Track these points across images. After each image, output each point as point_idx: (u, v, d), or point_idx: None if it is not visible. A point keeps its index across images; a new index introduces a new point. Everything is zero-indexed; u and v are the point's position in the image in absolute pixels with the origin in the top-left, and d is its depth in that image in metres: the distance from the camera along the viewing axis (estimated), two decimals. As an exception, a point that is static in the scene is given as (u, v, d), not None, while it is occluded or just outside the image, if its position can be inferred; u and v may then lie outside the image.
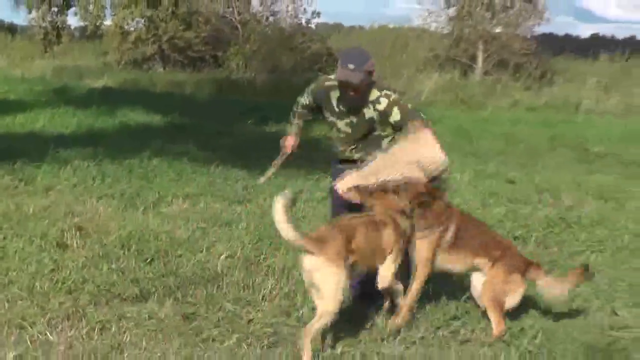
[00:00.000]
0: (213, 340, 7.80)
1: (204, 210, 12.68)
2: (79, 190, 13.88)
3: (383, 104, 8.47)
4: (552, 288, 8.32)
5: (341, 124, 8.78)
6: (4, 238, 10.59)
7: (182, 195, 13.75)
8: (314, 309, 7.41)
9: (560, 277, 8.54)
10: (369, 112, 8.55)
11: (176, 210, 12.74)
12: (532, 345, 8.05)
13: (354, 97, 8.48)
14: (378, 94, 8.51)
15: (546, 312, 9.05)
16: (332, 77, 8.82)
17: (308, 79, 36.34)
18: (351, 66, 8.33)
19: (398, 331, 7.89)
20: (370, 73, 8.44)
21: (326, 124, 9.10)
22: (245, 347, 7.65)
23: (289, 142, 9.59)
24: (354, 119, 8.66)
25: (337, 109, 8.78)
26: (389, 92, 8.56)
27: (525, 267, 8.39)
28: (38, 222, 11.53)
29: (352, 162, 8.76)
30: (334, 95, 8.77)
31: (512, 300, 8.24)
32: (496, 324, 8.07)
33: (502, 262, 8.30)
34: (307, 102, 9.30)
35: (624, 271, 10.83)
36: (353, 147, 8.82)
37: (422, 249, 8.23)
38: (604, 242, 12.14)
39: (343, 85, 8.49)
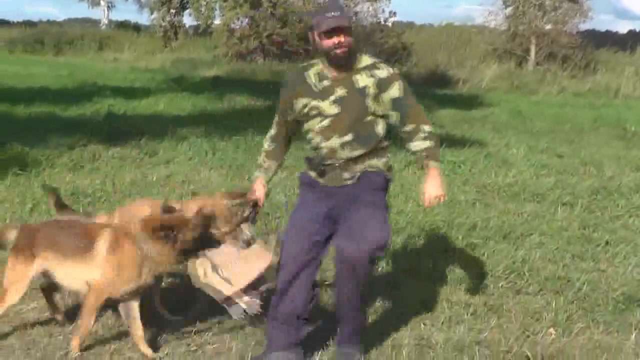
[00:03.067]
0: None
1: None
2: (193, 162, 14.00)
3: (383, 71, 6.17)
4: None
5: (326, 105, 6.16)
6: (133, 200, 10.73)
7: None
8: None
9: None
10: (362, 80, 6.13)
11: (276, 179, 12.75)
12: (579, 294, 8.01)
13: (344, 53, 6.09)
14: (374, 60, 6.29)
15: (590, 268, 8.99)
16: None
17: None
18: (336, 13, 6.11)
19: None
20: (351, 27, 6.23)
21: (308, 128, 6.41)
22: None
23: (259, 194, 6.62)
24: (343, 91, 6.12)
25: (318, 88, 6.20)
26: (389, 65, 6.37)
27: None
28: (160, 188, 11.69)
29: (336, 175, 6.25)
30: (312, 73, 6.31)
31: None
32: None
33: None
34: (273, 132, 6.88)
35: (658, 232, 10.71)
36: (344, 139, 6.15)
37: None
38: (641, 207, 12.02)
39: (334, 34, 6.08)
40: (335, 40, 6.06)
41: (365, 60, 6.25)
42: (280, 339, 6.17)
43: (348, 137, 6.11)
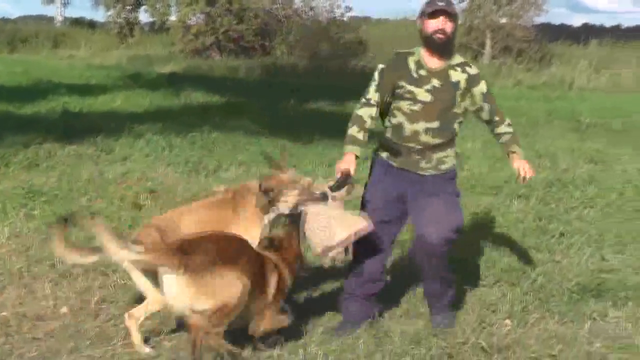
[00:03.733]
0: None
1: (256, 175, 12.70)
2: (150, 159, 13.94)
3: (473, 69, 6.83)
4: None
5: (420, 92, 6.63)
6: (89, 200, 10.70)
7: (237, 162, 13.81)
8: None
9: None
10: (455, 75, 6.71)
11: (232, 175, 12.78)
12: (534, 285, 8.07)
13: (443, 40, 6.59)
14: (465, 59, 6.87)
15: (545, 259, 9.07)
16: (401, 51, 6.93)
17: (342, 64, 36.48)
18: (442, 3, 6.58)
19: None
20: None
21: (395, 107, 6.78)
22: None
23: (350, 164, 6.69)
24: (437, 83, 6.64)
25: (416, 75, 6.67)
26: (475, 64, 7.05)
27: None
28: (117, 186, 11.63)
29: (413, 160, 6.77)
30: (412, 60, 6.73)
31: None
32: None
33: None
34: (376, 102, 6.82)
35: (611, 224, 10.81)
36: (429, 125, 6.66)
37: None
38: (594, 199, 12.10)
39: (438, 17, 6.56)
40: (439, 24, 6.59)
41: (458, 58, 6.82)
42: (358, 313, 6.91)
43: (434, 125, 6.69)
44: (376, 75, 6.85)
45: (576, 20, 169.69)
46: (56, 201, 10.65)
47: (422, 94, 6.64)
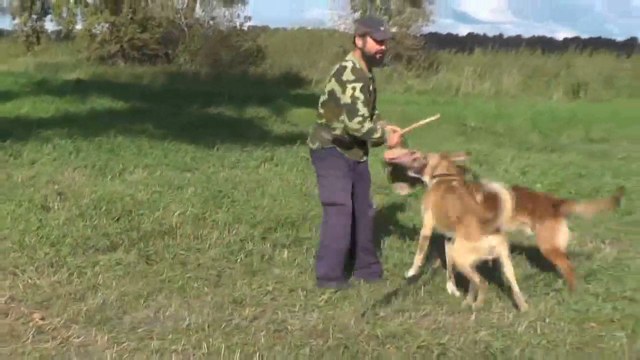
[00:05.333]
0: (169, 281, 7.83)
1: (160, 178, 12.63)
2: (58, 162, 13.74)
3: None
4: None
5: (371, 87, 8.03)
6: (-1, 202, 10.54)
7: (142, 165, 13.67)
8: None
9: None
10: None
11: (137, 178, 12.68)
12: (424, 278, 8.17)
13: (382, 57, 7.97)
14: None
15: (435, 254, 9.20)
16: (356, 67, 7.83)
17: (243, 71, 36.39)
18: (383, 27, 7.91)
19: None
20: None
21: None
22: (195, 285, 7.70)
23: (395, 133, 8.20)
24: (372, 86, 8.08)
25: (369, 75, 8.00)
26: None
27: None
28: (25, 189, 11.46)
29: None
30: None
31: None
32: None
33: None
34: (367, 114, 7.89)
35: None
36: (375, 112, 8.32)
37: None
38: (479, 197, 12.28)
39: (384, 44, 7.85)
40: (383, 48, 7.89)
41: None
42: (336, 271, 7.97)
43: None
44: (360, 93, 7.71)
45: (462, 30, 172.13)
46: (-34, 204, 10.47)
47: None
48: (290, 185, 12.63)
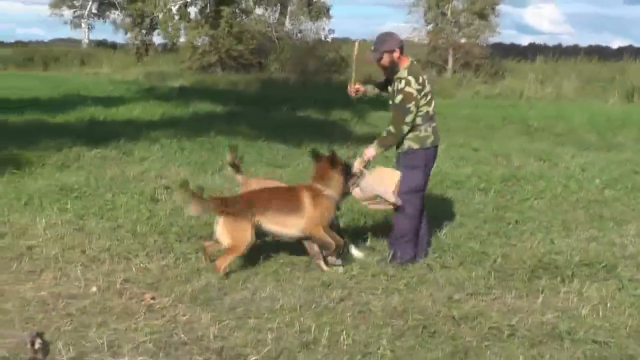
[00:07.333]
0: (264, 266, 7.83)
1: (255, 173, 12.67)
2: (165, 160, 13.90)
3: (402, 84, 7.90)
4: None
5: (390, 93, 8.19)
6: (113, 195, 10.63)
7: (239, 162, 13.73)
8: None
9: None
10: (395, 85, 8.03)
11: (233, 173, 12.71)
12: (494, 265, 8.05)
13: (384, 71, 8.14)
14: (405, 75, 7.93)
15: (503, 243, 9.05)
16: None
17: (327, 78, 36.47)
18: (372, 48, 8.02)
19: None
20: (389, 51, 7.93)
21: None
22: (287, 270, 7.66)
23: None
24: (391, 88, 8.16)
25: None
26: (412, 81, 7.90)
27: None
28: (137, 183, 11.63)
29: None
30: None
31: None
32: None
33: None
34: None
35: (557, 212, 10.79)
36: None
37: None
38: (544, 191, 12.08)
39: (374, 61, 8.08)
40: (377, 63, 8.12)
41: (403, 73, 7.99)
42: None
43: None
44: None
45: (524, 40, 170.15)
46: (85, 197, 10.60)
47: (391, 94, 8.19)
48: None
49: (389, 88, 8.21)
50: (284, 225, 7.73)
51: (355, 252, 8.22)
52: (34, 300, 6.70)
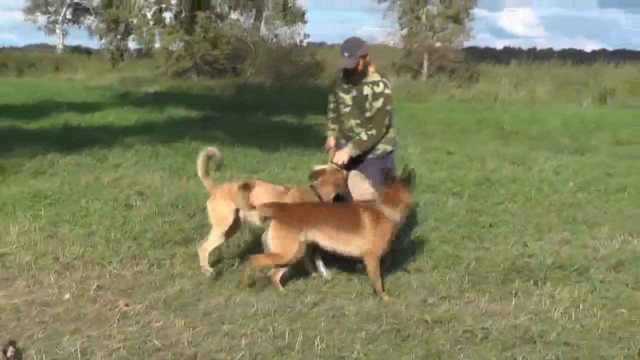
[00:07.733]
0: (238, 271, 7.82)
1: (230, 178, 12.65)
2: (139, 166, 13.84)
3: (381, 87, 8.04)
4: None
5: (347, 98, 8.19)
6: (87, 201, 10.57)
7: (214, 167, 13.70)
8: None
9: None
10: (367, 89, 8.02)
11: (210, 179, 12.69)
12: (468, 269, 8.09)
13: (353, 76, 8.11)
14: (379, 78, 8.11)
15: (476, 247, 9.09)
16: None
17: (302, 83, 36.53)
18: (346, 54, 8.02)
19: None
20: (364, 56, 8.05)
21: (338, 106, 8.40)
22: (261, 275, 7.65)
23: (330, 143, 8.67)
24: (356, 93, 8.11)
25: (345, 86, 8.26)
26: (388, 83, 8.16)
27: None
28: (111, 189, 11.55)
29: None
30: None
31: None
32: None
33: None
34: (331, 106, 8.68)
35: (531, 215, 10.85)
36: (357, 121, 8.15)
37: None
38: (517, 194, 12.14)
39: (343, 70, 8.18)
40: (345, 72, 8.25)
41: (374, 76, 8.17)
42: None
43: (361, 121, 8.17)
44: (330, 92, 8.48)
45: (498, 44, 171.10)
46: (58, 203, 10.54)
47: (349, 100, 8.28)
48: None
49: (343, 95, 8.31)
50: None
51: (323, 269, 8.02)
52: (6, 308, 6.66)
